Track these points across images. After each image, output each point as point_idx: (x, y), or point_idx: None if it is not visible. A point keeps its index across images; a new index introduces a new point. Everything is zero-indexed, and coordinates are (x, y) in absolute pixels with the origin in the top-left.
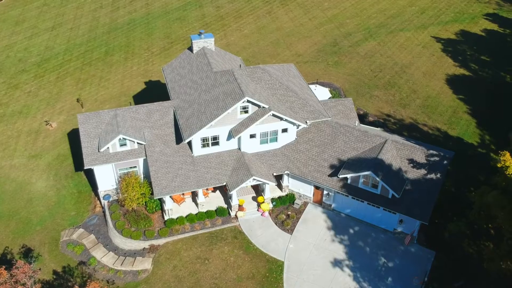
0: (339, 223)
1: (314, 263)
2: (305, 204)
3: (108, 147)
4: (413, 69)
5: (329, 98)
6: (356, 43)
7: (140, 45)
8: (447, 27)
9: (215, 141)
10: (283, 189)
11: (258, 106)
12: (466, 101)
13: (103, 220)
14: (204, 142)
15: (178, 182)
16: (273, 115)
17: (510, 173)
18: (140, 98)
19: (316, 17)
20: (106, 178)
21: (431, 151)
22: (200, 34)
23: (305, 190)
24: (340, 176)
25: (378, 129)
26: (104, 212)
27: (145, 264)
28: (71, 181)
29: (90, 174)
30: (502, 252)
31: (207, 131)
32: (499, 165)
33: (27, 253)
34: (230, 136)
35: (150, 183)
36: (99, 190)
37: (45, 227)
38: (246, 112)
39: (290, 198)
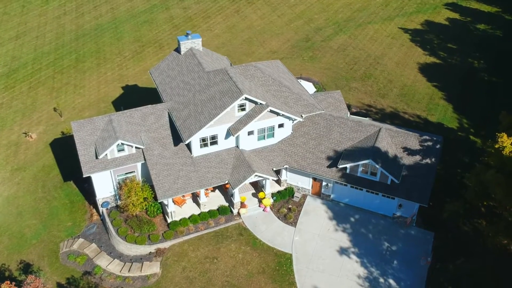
0: (340, 213)
1: (321, 253)
2: (304, 196)
3: (106, 154)
4: (386, 59)
5: (314, 92)
6: (327, 37)
7: (111, 50)
8: (412, 18)
9: (214, 140)
10: (281, 184)
11: (255, 103)
12: (440, 88)
13: (102, 228)
14: (203, 142)
15: (180, 183)
16: (270, 111)
17: (507, 153)
18: (120, 104)
19: (284, 14)
20: (104, 185)
21: (424, 137)
22: (187, 35)
23: (304, 183)
24: (340, 166)
25: (367, 119)
26: (102, 220)
27: (153, 268)
28: (62, 192)
29: (80, 183)
30: (500, 228)
31: (206, 131)
32: (496, 146)
33: (26, 268)
34: (228, 134)
35: (151, 187)
36: (97, 198)
37: (41, 240)
38: (244, 109)
39: (289, 192)
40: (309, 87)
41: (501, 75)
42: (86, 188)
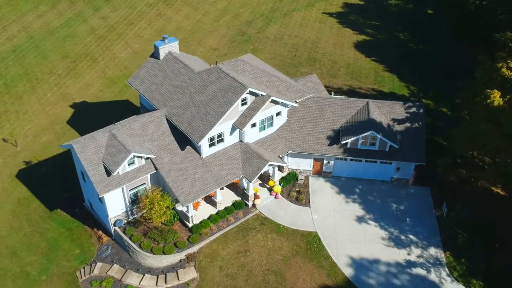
0: (344, 186)
1: (342, 225)
2: (307, 177)
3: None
4: (322, 43)
5: None
6: (260, 29)
7: (41, 70)
8: (330, 1)
9: (220, 138)
10: (283, 170)
11: (256, 95)
12: (380, 61)
13: (118, 247)
14: (211, 142)
15: (198, 186)
16: (272, 100)
17: (496, 105)
18: (78, 123)
19: (208, 11)
20: (116, 203)
21: (407, 104)
22: (163, 39)
23: (305, 165)
24: (343, 142)
25: (343, 97)
26: (115, 239)
27: (190, 273)
28: (52, 222)
29: (70, 209)
30: (487, 174)
31: (214, 130)
32: (488, 101)
33: None
34: (233, 130)
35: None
36: (109, 217)
37: (51, 274)
38: (245, 103)
39: (293, 176)
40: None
41: (425, 43)
42: (79, 213)
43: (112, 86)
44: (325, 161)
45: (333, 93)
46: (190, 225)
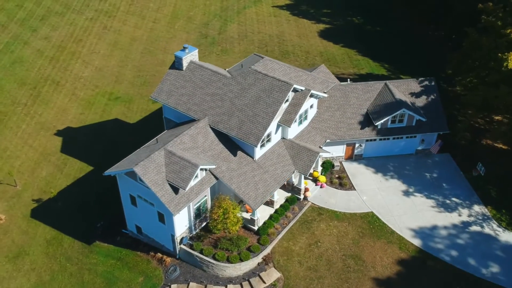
0: (377, 165)
1: (391, 201)
2: (341, 163)
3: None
4: (287, 35)
5: None
6: (220, 29)
7: (2, 102)
8: None
9: (268, 138)
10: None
11: (296, 90)
12: (347, 46)
13: (186, 265)
14: (262, 143)
15: (261, 188)
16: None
17: (511, 67)
18: (74, 150)
19: (157, 18)
20: (181, 220)
21: (420, 79)
22: (184, 49)
23: (337, 152)
24: (376, 123)
25: (349, 82)
26: (179, 258)
27: (273, 274)
28: (96, 255)
29: (110, 239)
30: (497, 134)
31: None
32: (505, 64)
33: None
34: (277, 128)
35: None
36: (176, 236)
37: None
38: (287, 100)
39: (329, 164)
40: None
41: (380, 25)
42: (121, 241)
43: (91, 107)
44: (356, 145)
45: (349, 80)
46: (256, 228)
